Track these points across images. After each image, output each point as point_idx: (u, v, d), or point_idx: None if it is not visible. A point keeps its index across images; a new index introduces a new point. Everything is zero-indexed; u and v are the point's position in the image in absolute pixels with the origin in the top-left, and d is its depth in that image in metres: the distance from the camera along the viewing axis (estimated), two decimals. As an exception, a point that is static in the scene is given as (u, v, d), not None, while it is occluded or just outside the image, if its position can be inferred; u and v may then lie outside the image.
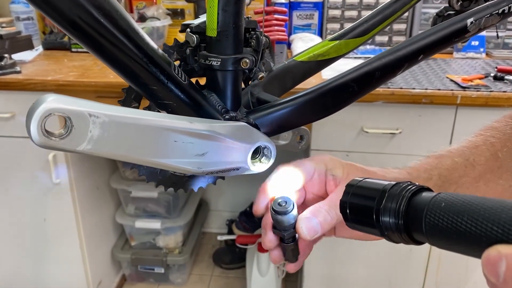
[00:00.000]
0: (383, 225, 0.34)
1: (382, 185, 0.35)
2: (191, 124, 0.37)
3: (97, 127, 0.33)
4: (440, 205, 0.30)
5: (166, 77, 0.43)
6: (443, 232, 0.29)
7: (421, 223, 0.31)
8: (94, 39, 0.39)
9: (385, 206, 0.34)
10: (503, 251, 0.23)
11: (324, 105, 0.53)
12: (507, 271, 0.23)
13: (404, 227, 0.33)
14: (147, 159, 0.36)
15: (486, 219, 0.26)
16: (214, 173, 0.42)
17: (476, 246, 0.26)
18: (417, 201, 0.32)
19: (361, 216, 0.36)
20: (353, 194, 0.37)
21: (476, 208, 0.27)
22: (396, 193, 0.33)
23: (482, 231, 0.26)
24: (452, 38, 0.56)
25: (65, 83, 1.46)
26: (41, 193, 1.66)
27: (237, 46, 0.48)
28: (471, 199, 0.28)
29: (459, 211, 0.28)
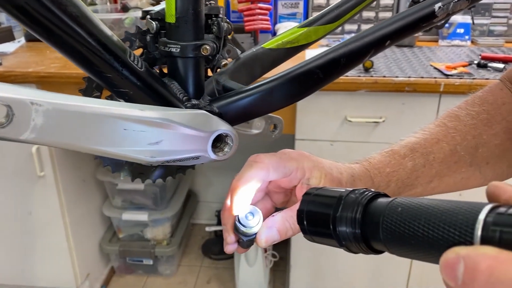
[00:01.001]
0: (340, 235, 0.32)
1: (339, 192, 0.34)
2: (141, 111, 0.37)
3: (40, 116, 0.33)
4: (397, 210, 0.29)
5: (121, 64, 0.42)
6: (401, 238, 0.28)
7: (378, 230, 0.29)
8: (43, 25, 0.38)
9: (341, 215, 0.32)
10: (461, 253, 0.23)
11: (289, 92, 0.52)
12: (465, 273, 0.22)
13: (361, 236, 0.31)
14: (96, 148, 0.35)
15: (443, 222, 0.25)
16: (171, 162, 0.41)
17: (435, 250, 0.25)
18: (374, 208, 0.31)
19: (318, 226, 0.34)
20: (310, 202, 0.35)
21: (432, 212, 0.26)
22: (352, 201, 0.32)
23: (439, 234, 0.25)
24: (420, 23, 0.55)
25: (47, 75, 1.44)
26: (26, 186, 1.65)
27: (197, 33, 0.47)
28: (428, 203, 0.27)
29: (415, 216, 0.27)
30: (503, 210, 0.23)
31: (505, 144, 0.55)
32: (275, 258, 1.94)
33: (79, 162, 1.80)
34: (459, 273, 0.22)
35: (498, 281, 0.21)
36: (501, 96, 0.57)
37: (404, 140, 0.54)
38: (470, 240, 0.23)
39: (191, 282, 2.07)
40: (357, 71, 1.40)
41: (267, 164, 0.44)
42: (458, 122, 0.55)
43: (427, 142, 0.53)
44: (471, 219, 0.24)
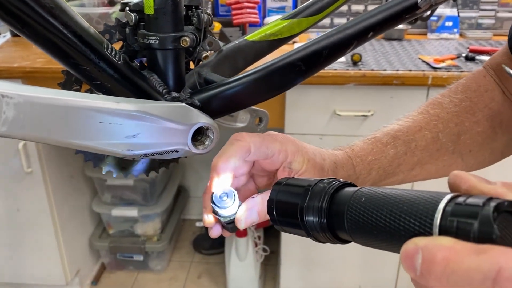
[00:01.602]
0: (307, 225, 0.32)
1: (307, 182, 0.34)
2: (117, 104, 0.36)
3: (11, 109, 0.32)
4: (361, 200, 0.29)
5: (98, 57, 0.41)
6: (364, 228, 0.28)
7: (343, 220, 0.30)
8: (17, 16, 0.37)
9: (308, 205, 0.32)
10: (420, 243, 0.23)
11: (271, 85, 0.51)
12: (423, 263, 0.22)
13: (327, 225, 0.31)
14: (71, 141, 0.35)
15: (404, 212, 0.25)
16: (149, 156, 0.41)
17: (396, 241, 0.26)
18: (339, 197, 0.31)
19: (287, 216, 0.34)
20: (280, 192, 0.35)
21: (395, 202, 0.27)
22: (320, 190, 0.32)
23: (400, 225, 0.25)
24: (403, 15, 0.55)
25: (32, 70, 1.43)
26: (13, 183, 1.63)
27: (176, 24, 0.46)
28: (391, 193, 0.28)
29: (378, 206, 0.27)
30: (461, 200, 0.23)
31: (487, 131, 0.55)
32: (266, 252, 1.94)
33: (67, 158, 1.79)
34: (417, 264, 0.22)
35: (453, 272, 0.21)
36: (484, 83, 0.57)
37: (387, 128, 0.54)
38: (430, 230, 0.24)
39: (182, 277, 2.07)
40: (346, 64, 1.40)
41: (248, 143, 0.42)
42: (441, 109, 0.55)
43: (409, 129, 0.53)
44: (431, 209, 0.24)
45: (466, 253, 0.21)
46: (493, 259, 0.20)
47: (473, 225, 0.22)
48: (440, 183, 0.46)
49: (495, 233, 0.21)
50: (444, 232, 0.23)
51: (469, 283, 0.20)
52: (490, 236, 0.21)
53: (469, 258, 0.20)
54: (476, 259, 0.20)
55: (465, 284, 0.21)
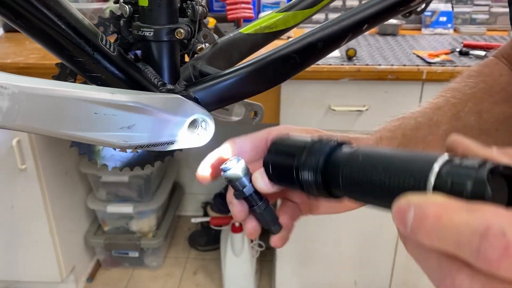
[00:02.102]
0: (303, 181, 0.34)
1: (304, 141, 0.35)
2: (112, 95, 0.36)
3: (6, 99, 0.32)
4: (358, 159, 0.30)
5: (92, 48, 0.41)
6: (359, 184, 0.29)
7: (338, 177, 0.30)
8: (11, 8, 0.37)
9: (304, 162, 0.33)
10: (413, 199, 0.23)
11: (266, 77, 0.52)
12: (414, 220, 0.22)
13: (322, 182, 0.32)
14: (65, 132, 0.35)
15: (399, 170, 0.26)
16: (144, 147, 0.41)
17: (389, 197, 0.26)
18: (336, 156, 0.32)
19: (283, 173, 0.35)
20: (276, 151, 0.36)
21: (391, 160, 0.27)
22: (316, 149, 0.33)
23: (395, 181, 0.26)
24: (397, 7, 0.55)
25: (25, 66, 1.42)
26: (7, 179, 1.62)
27: (171, 16, 0.46)
28: (388, 152, 0.28)
29: (375, 164, 0.28)
30: (457, 161, 0.24)
31: (507, 112, 0.54)
32: (262, 248, 1.94)
33: (61, 154, 1.78)
34: (408, 219, 0.23)
35: (443, 227, 0.21)
36: (498, 68, 0.57)
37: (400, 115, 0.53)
38: (424, 188, 0.24)
39: (177, 274, 2.07)
40: (340, 59, 1.40)
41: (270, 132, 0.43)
42: (457, 92, 0.54)
43: (427, 109, 0.52)
44: (427, 168, 0.24)
45: (457, 210, 0.21)
46: (483, 216, 0.20)
47: (467, 185, 0.22)
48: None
49: (488, 193, 0.22)
50: (438, 190, 0.23)
51: (458, 238, 0.21)
52: (483, 195, 0.22)
53: (459, 214, 0.21)
54: (466, 215, 0.21)
55: (453, 239, 0.21)
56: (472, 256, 0.20)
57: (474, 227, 0.20)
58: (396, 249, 1.65)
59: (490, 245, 0.19)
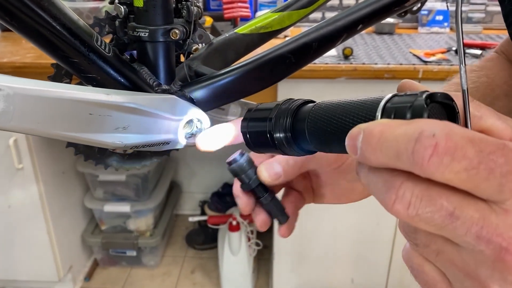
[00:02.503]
0: (276, 142, 0.36)
1: (273, 105, 0.37)
2: (107, 96, 0.36)
3: (1, 100, 0.32)
4: (318, 111, 0.32)
5: (87, 49, 0.41)
6: (321, 132, 0.32)
7: (305, 131, 0.33)
8: (6, 9, 0.37)
9: (275, 124, 0.36)
10: (362, 126, 0.25)
11: (261, 77, 0.52)
12: (362, 141, 0.24)
13: (292, 139, 0.35)
14: (61, 133, 0.35)
15: (353, 113, 0.29)
16: (140, 147, 0.41)
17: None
18: (301, 112, 0.34)
19: (260, 139, 0.38)
20: (250, 119, 0.39)
21: (347, 106, 0.29)
22: (283, 110, 0.35)
23: (350, 122, 0.29)
24: (392, 7, 0.55)
25: (22, 65, 1.42)
26: (4, 179, 1.62)
27: (166, 17, 0.46)
28: (345, 101, 0.30)
29: (333, 112, 0.30)
30: (401, 94, 0.26)
31: (508, 106, 0.55)
32: (259, 246, 1.95)
33: (58, 154, 1.78)
34: (358, 143, 0.24)
35: (385, 140, 0.23)
36: (499, 63, 0.58)
37: None
38: (373, 118, 0.27)
39: (175, 272, 2.07)
40: (337, 58, 1.41)
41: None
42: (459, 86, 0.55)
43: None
44: (375, 105, 0.27)
45: (398, 125, 0.23)
46: (417, 124, 0.22)
47: (407, 111, 0.25)
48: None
49: (425, 116, 0.24)
50: (384, 117, 0.26)
51: (397, 147, 0.22)
52: (421, 117, 0.24)
53: (399, 127, 0.23)
54: (404, 127, 0.23)
55: (394, 150, 0.23)
56: (409, 161, 0.22)
57: (410, 135, 0.22)
58: (393, 247, 1.66)
59: (421, 145, 0.22)
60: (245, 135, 0.39)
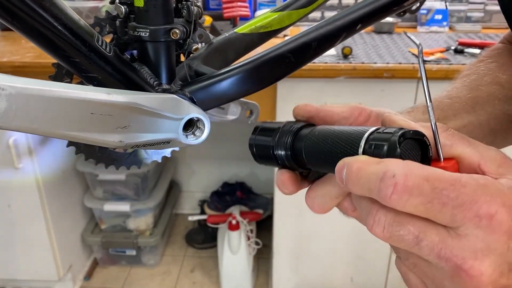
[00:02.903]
0: (278, 158, 0.41)
1: (278, 124, 0.42)
2: (108, 95, 0.36)
3: (3, 100, 0.32)
4: (315, 134, 0.37)
5: (88, 49, 0.41)
6: (316, 154, 0.37)
7: (302, 151, 0.38)
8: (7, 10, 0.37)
9: (278, 142, 0.40)
10: (346, 160, 0.30)
11: (261, 76, 0.52)
12: (347, 174, 0.30)
13: (292, 156, 0.40)
14: (63, 132, 0.35)
15: (342, 141, 0.33)
16: (140, 147, 0.41)
17: (336, 162, 0.32)
18: (301, 134, 0.39)
19: (264, 152, 0.42)
20: (258, 134, 0.44)
21: (338, 134, 0.34)
22: (286, 130, 0.40)
23: (338, 149, 0.33)
24: (391, 7, 0.56)
25: (22, 65, 1.42)
26: (4, 178, 1.62)
27: (167, 16, 0.46)
28: (338, 128, 0.35)
29: (326, 137, 0.36)
30: (381, 130, 0.31)
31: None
32: (258, 245, 1.95)
33: (58, 153, 1.78)
34: (343, 175, 0.30)
35: (361, 177, 0.28)
36: (507, 49, 0.58)
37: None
38: (357, 152, 0.32)
39: (175, 271, 2.08)
40: (336, 57, 1.41)
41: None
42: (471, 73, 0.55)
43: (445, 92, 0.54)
44: (360, 137, 0.32)
45: (371, 163, 0.28)
46: (383, 164, 0.27)
47: (384, 147, 0.30)
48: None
49: (398, 153, 0.29)
50: (365, 152, 0.31)
51: (369, 184, 0.28)
52: (394, 154, 0.29)
53: (372, 166, 0.28)
54: (374, 167, 0.28)
55: (367, 185, 0.28)
56: (378, 196, 0.27)
57: (377, 174, 0.27)
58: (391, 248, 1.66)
59: (384, 184, 0.27)
60: (252, 147, 0.44)
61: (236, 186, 2.25)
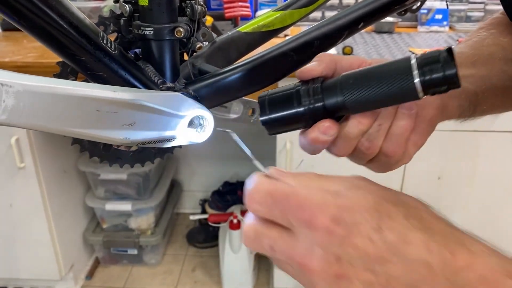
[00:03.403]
0: (305, 115, 0.40)
1: (288, 90, 0.41)
2: (114, 93, 0.37)
3: (11, 97, 0.33)
4: (351, 80, 0.39)
5: (94, 47, 0.42)
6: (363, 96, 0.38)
7: (341, 98, 0.39)
8: (14, 8, 0.38)
9: (303, 89, 0.40)
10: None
11: (264, 75, 0.52)
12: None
13: (323, 108, 0.39)
14: (69, 129, 0.36)
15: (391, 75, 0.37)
16: (145, 144, 0.42)
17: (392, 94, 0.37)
18: (328, 82, 0.40)
19: (281, 104, 0.41)
20: (270, 104, 0.42)
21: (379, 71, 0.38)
22: (306, 89, 0.40)
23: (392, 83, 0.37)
24: (392, 6, 0.56)
25: (24, 64, 1.42)
26: (6, 178, 1.63)
27: (171, 15, 0.47)
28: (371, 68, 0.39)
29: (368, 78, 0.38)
30: (419, 56, 0.36)
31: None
32: (260, 244, 1.95)
33: (60, 152, 1.79)
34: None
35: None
36: (505, 18, 0.59)
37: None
38: (412, 78, 0.36)
39: (176, 270, 2.08)
40: (337, 57, 1.41)
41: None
42: (472, 36, 0.57)
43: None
44: (406, 65, 0.36)
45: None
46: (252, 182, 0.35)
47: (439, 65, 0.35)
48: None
49: (454, 65, 0.34)
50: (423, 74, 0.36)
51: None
52: (453, 67, 0.35)
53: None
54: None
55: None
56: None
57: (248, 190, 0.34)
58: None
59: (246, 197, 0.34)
60: (268, 121, 0.42)
61: (237, 185, 2.26)
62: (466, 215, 1.59)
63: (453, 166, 1.55)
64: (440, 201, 1.62)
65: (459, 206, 1.62)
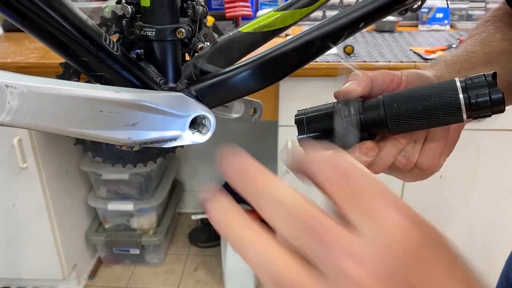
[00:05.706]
0: (344, 136, 0.40)
1: (327, 109, 0.42)
2: (117, 93, 0.37)
3: (16, 98, 0.33)
4: (394, 99, 0.39)
5: (96, 48, 0.42)
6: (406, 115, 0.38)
7: (382, 117, 0.39)
8: (17, 10, 0.38)
9: (342, 107, 0.40)
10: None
11: (265, 75, 0.53)
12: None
13: (364, 127, 0.39)
14: (73, 130, 0.36)
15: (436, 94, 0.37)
16: (148, 144, 0.42)
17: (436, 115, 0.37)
18: (368, 102, 0.40)
19: (319, 123, 0.41)
20: (309, 124, 0.42)
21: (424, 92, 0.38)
22: (346, 102, 0.40)
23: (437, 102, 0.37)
24: (393, 5, 0.56)
25: (26, 65, 1.43)
26: (8, 178, 1.64)
27: (172, 16, 0.47)
28: (417, 88, 0.39)
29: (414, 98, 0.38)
30: (463, 79, 0.36)
31: None
32: (261, 244, 1.96)
33: (62, 153, 1.79)
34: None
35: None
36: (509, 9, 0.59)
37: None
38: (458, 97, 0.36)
39: (178, 270, 2.09)
40: (338, 56, 1.42)
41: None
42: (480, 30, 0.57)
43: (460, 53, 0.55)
44: (452, 86, 0.36)
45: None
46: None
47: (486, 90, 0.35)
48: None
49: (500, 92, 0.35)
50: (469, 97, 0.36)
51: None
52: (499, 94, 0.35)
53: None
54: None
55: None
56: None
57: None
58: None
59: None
60: (301, 120, 0.43)
61: (238, 185, 2.26)
62: (468, 213, 1.59)
63: (455, 165, 1.55)
64: (442, 200, 1.62)
65: (461, 204, 1.62)
